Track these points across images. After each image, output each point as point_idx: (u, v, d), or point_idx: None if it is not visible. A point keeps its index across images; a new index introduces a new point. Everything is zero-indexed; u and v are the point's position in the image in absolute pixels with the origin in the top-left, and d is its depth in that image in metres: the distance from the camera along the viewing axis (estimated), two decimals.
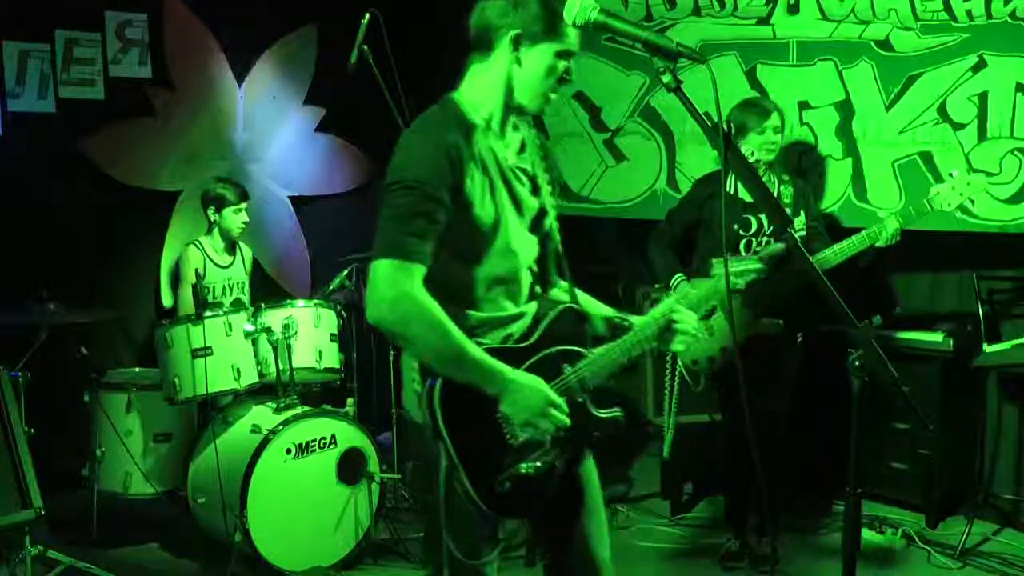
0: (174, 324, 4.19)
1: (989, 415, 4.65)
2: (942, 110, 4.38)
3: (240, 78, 5.59)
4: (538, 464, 2.21)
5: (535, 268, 2.37)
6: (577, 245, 2.50)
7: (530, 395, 2.15)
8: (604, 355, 2.32)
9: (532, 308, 2.34)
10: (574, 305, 2.37)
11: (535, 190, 2.32)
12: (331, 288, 4.73)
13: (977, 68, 4.28)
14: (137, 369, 4.80)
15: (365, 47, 3.96)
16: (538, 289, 2.40)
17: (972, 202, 3.87)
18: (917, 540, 4.27)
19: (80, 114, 5.00)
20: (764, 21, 4.80)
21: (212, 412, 4.33)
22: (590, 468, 2.43)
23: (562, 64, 2.18)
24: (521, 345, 2.26)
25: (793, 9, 4.71)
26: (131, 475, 4.29)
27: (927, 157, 4.42)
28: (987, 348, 4.30)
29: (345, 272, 4.71)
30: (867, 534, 4.31)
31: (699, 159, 5.01)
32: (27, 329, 4.04)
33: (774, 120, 3.94)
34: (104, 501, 4.33)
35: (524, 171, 2.30)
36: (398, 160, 2.12)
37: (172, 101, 5.33)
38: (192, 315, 4.23)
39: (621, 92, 5.30)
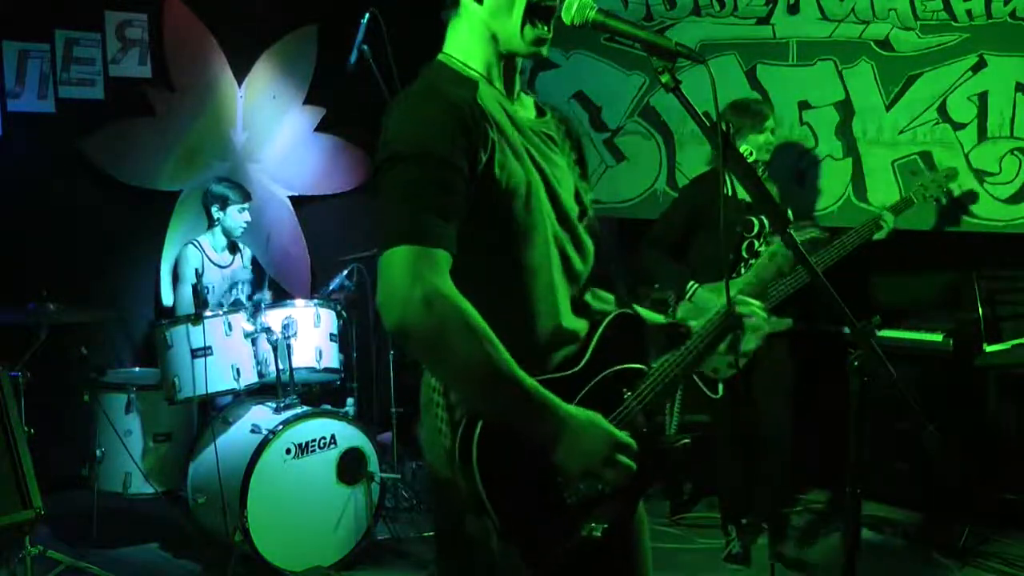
0: (174, 324, 4.19)
1: (989, 415, 4.65)
2: (942, 110, 4.38)
3: (240, 78, 5.59)
4: (605, 525, 1.72)
5: (584, 265, 1.86)
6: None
7: (592, 438, 1.66)
8: (668, 369, 1.87)
9: (583, 323, 1.85)
10: (627, 310, 1.89)
11: (565, 156, 1.89)
12: (331, 288, 4.73)
13: (977, 68, 4.28)
14: (137, 369, 4.80)
15: (365, 47, 3.96)
16: (587, 296, 1.89)
17: (948, 192, 4.16)
18: (917, 540, 4.27)
19: (80, 114, 5.01)
20: (764, 21, 4.79)
21: (212, 412, 4.33)
22: (642, 516, 1.97)
23: None
24: (568, 372, 1.76)
25: (793, 9, 4.70)
26: (131, 475, 4.29)
27: (927, 157, 4.42)
28: (987, 348, 4.30)
29: (345, 272, 4.71)
30: (867, 534, 4.31)
31: (699, 159, 5.01)
32: (27, 329, 4.03)
33: (771, 121, 3.98)
34: (104, 501, 4.33)
35: (551, 137, 1.87)
36: (395, 130, 1.68)
37: (172, 101, 5.33)
38: (192, 315, 4.23)
39: (621, 92, 5.30)
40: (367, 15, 3.89)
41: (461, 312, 1.57)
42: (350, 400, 4.58)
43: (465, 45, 1.84)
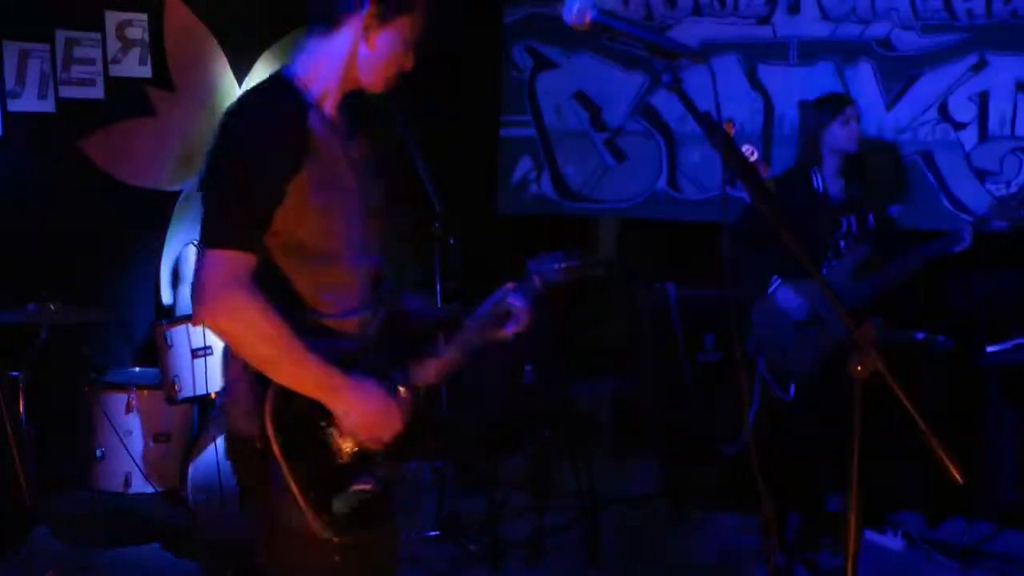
0: (174, 324, 4.19)
1: (989, 415, 4.65)
2: (942, 110, 4.38)
3: (240, 78, 5.59)
4: (373, 481, 2.00)
5: (373, 266, 2.14)
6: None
7: (367, 397, 1.96)
8: (440, 357, 2.17)
9: (367, 314, 2.13)
10: (406, 303, 2.22)
11: (368, 177, 2.12)
12: None
13: (977, 68, 4.28)
14: (137, 369, 4.80)
15: None
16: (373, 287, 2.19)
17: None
18: (917, 540, 4.27)
19: (80, 114, 5.00)
20: (764, 21, 4.80)
21: (212, 412, 4.33)
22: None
23: (412, 37, 2.03)
24: (350, 350, 2.03)
25: (793, 9, 4.71)
26: (131, 475, 4.29)
27: (927, 157, 4.42)
28: (987, 348, 4.30)
29: None
30: (868, 534, 4.31)
31: (700, 159, 5.01)
32: (27, 329, 4.03)
33: (851, 111, 3.84)
34: (104, 501, 4.33)
35: (355, 158, 2.08)
36: (228, 136, 1.91)
37: (172, 101, 5.33)
38: (192, 315, 4.22)
39: (621, 92, 5.30)
40: None
41: (262, 313, 1.85)
42: None
43: (317, 68, 2.03)
